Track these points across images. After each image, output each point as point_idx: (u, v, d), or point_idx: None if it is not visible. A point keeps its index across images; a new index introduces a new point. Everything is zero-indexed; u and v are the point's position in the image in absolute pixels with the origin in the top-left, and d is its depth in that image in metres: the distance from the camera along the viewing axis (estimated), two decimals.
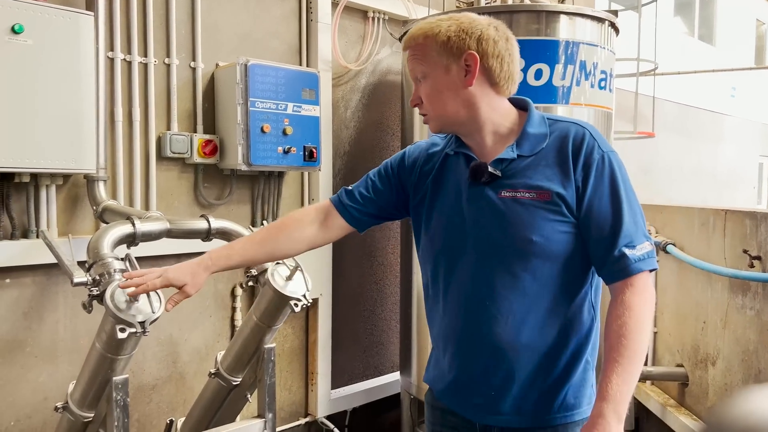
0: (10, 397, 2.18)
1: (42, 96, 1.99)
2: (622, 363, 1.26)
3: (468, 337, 1.43)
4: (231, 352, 2.02)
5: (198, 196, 2.62)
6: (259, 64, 2.53)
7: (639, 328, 1.28)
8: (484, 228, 1.38)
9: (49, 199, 2.19)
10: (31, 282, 2.21)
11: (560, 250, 1.35)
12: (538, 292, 1.36)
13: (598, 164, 1.32)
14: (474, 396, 1.43)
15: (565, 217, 1.33)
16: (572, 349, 1.39)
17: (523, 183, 1.36)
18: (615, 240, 1.30)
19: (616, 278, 1.31)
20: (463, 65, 1.34)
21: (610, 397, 1.25)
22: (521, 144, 1.38)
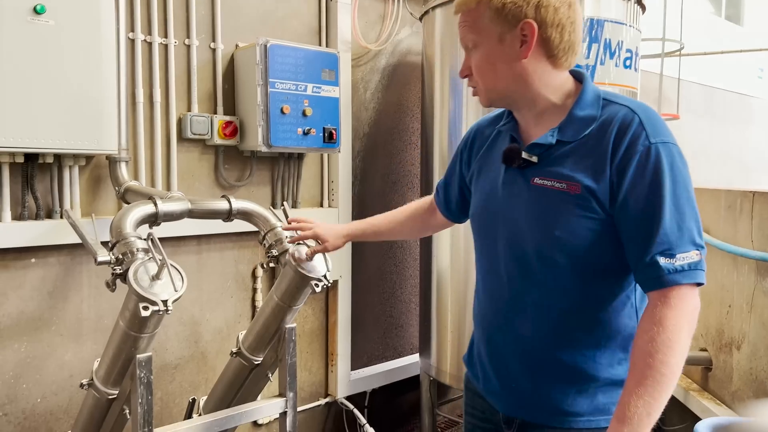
0: (37, 374, 2.22)
1: (64, 77, 2.00)
2: (645, 384, 1.13)
3: (494, 325, 1.40)
4: (252, 332, 2.03)
5: (219, 177, 2.63)
6: (278, 44, 2.52)
7: (670, 348, 1.13)
8: (513, 215, 1.32)
9: (72, 179, 2.21)
10: (56, 262, 2.24)
11: (586, 249, 1.23)
12: (561, 290, 1.28)
13: (641, 156, 1.17)
14: (499, 385, 1.40)
15: (595, 213, 1.21)
16: (606, 352, 1.29)
17: (556, 172, 1.25)
18: (649, 245, 1.16)
19: (650, 288, 1.18)
20: (518, 35, 1.23)
21: (628, 420, 1.13)
22: (564, 129, 1.26)
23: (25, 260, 2.17)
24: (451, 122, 2.79)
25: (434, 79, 2.86)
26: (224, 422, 1.88)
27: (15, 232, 2.08)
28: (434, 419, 3.11)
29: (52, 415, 2.27)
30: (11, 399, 2.18)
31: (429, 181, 2.93)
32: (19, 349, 2.18)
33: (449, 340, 2.84)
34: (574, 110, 1.26)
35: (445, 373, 2.86)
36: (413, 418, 3.51)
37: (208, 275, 2.63)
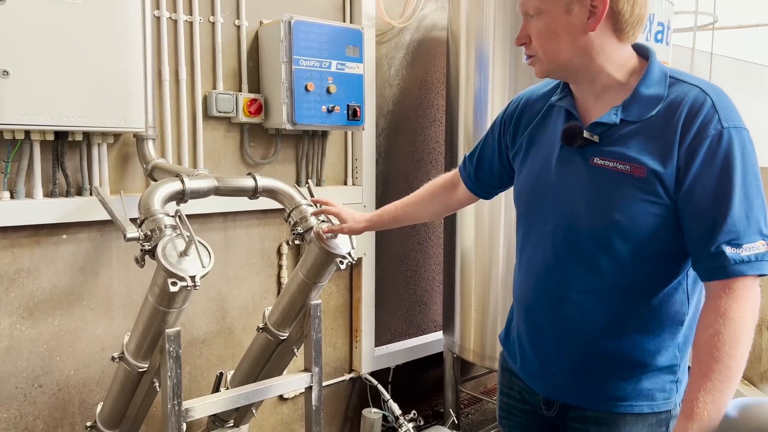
0: (70, 347, 2.28)
1: (92, 55, 2.02)
2: (712, 379, 1.10)
3: (537, 307, 1.36)
4: (278, 308, 2.05)
5: (244, 155, 2.64)
6: (302, 20, 2.50)
7: (736, 341, 1.10)
8: (567, 195, 1.27)
9: (101, 157, 2.25)
10: (87, 238, 2.28)
11: (646, 234, 1.19)
12: (614, 275, 1.24)
13: (712, 141, 1.12)
14: (539, 368, 1.38)
15: (659, 198, 1.17)
16: (654, 338, 1.26)
17: (619, 152, 1.20)
18: (715, 233, 1.11)
19: (712, 277, 1.14)
20: (587, 5, 1.16)
21: (696, 417, 1.10)
22: (629, 107, 1.21)
23: (57, 236, 2.21)
24: (476, 99, 2.75)
25: (459, 55, 2.83)
26: (251, 396, 1.92)
27: (47, 209, 2.13)
28: (458, 396, 3.13)
29: (85, 386, 2.34)
30: (46, 371, 2.24)
31: (453, 158, 2.91)
32: (53, 323, 2.24)
33: (473, 318, 2.84)
34: (640, 88, 1.20)
35: (469, 350, 2.87)
36: (436, 395, 3.54)
37: (234, 252, 2.66)
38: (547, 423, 1.41)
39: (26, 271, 2.16)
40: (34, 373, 2.22)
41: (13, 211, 2.06)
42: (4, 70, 1.86)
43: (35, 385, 2.23)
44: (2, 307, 2.12)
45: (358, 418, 3.12)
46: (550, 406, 1.38)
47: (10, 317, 2.14)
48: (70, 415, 2.32)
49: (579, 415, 1.34)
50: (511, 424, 1.51)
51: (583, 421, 1.33)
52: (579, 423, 1.34)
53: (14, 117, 1.91)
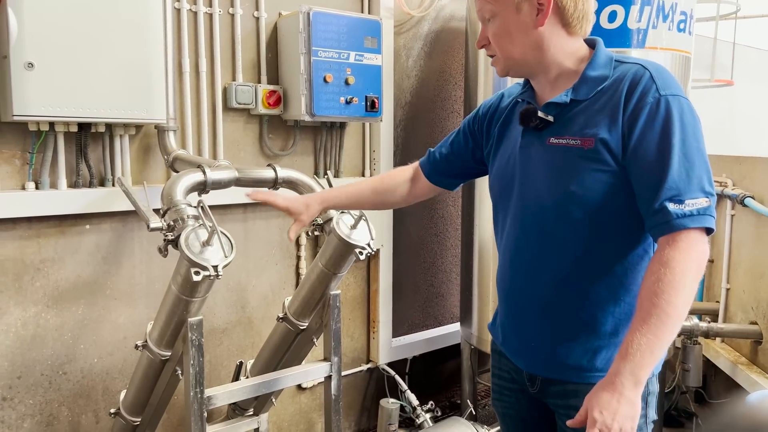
0: (93, 336, 2.32)
1: (114, 48, 2.04)
2: (649, 322, 1.15)
3: (514, 288, 1.44)
4: (298, 298, 2.07)
5: (263, 146, 2.66)
6: (321, 11, 2.50)
7: (676, 288, 1.15)
8: (530, 176, 1.36)
9: (123, 148, 2.27)
10: (109, 228, 2.31)
11: (600, 202, 1.27)
12: (580, 244, 1.31)
13: (651, 107, 1.21)
14: (521, 346, 1.45)
15: (608, 165, 1.25)
16: (624, 308, 1.32)
17: (570, 129, 1.30)
18: (657, 191, 1.19)
19: (658, 234, 1.20)
20: (535, 4, 1.27)
21: (630, 357, 1.16)
22: (578, 88, 1.31)
23: (81, 226, 2.25)
24: (495, 89, 2.74)
25: None
26: (272, 384, 1.94)
27: (71, 199, 2.16)
28: (474, 387, 3.14)
29: (108, 374, 2.38)
30: (70, 359, 2.28)
31: None
32: (77, 312, 2.28)
33: (490, 310, 2.84)
34: (587, 71, 1.31)
35: (486, 341, 2.88)
36: (453, 386, 3.55)
37: (254, 242, 2.68)
38: (535, 401, 1.47)
39: (51, 261, 2.20)
40: (59, 361, 2.26)
41: (38, 201, 2.10)
42: (29, 63, 1.89)
43: (60, 372, 2.27)
44: (28, 296, 2.17)
45: (375, 407, 3.14)
46: (533, 382, 1.44)
47: (35, 306, 2.18)
48: (94, 401, 2.36)
49: (559, 390, 1.39)
50: (503, 404, 1.58)
51: (564, 395, 1.38)
52: (560, 398, 1.39)
53: (39, 109, 1.94)
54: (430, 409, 2.99)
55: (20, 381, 2.19)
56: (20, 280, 2.15)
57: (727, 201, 3.13)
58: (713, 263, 3.33)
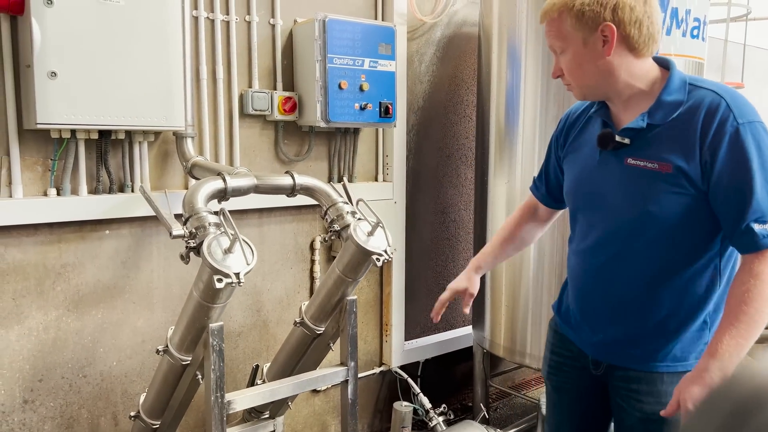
0: (112, 339, 2.36)
1: (134, 56, 2.07)
2: (737, 326, 1.32)
3: (587, 287, 1.60)
4: (315, 303, 2.10)
5: (278, 152, 2.69)
6: (336, 19, 2.53)
7: (764, 298, 1.31)
8: (608, 192, 1.49)
9: (142, 155, 2.31)
10: (128, 233, 2.35)
11: (676, 220, 1.40)
12: (652, 256, 1.45)
13: (730, 137, 1.32)
14: (591, 337, 1.61)
15: (685, 189, 1.37)
16: (688, 308, 1.47)
17: (647, 153, 1.41)
18: (743, 214, 1.32)
19: (746, 251, 1.36)
20: (600, 36, 1.38)
21: (719, 355, 1.32)
22: (654, 113, 1.41)
23: (101, 232, 2.28)
24: (508, 94, 2.76)
25: (491, 50, 2.83)
26: (291, 389, 1.97)
27: (91, 205, 2.20)
28: (487, 390, 3.16)
29: (126, 377, 2.41)
30: (90, 362, 2.32)
31: (485, 154, 2.92)
32: (96, 316, 2.31)
33: (503, 314, 2.86)
34: (662, 96, 1.40)
35: (499, 345, 2.90)
36: (464, 389, 3.57)
37: (269, 247, 2.72)
38: (595, 379, 1.63)
39: (72, 266, 2.24)
40: (79, 364, 2.30)
41: (60, 207, 2.13)
42: (53, 72, 1.93)
43: (80, 375, 2.31)
44: (49, 300, 2.20)
45: (387, 410, 3.17)
46: (597, 366, 1.62)
47: (56, 310, 2.22)
48: (113, 404, 2.40)
49: (623, 375, 1.55)
50: (559, 378, 1.75)
51: (627, 380, 1.54)
52: (623, 381, 1.56)
53: (62, 117, 1.97)
54: (442, 412, 3.01)
55: (41, 384, 2.22)
56: (42, 284, 2.18)
57: None
58: None
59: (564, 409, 1.78)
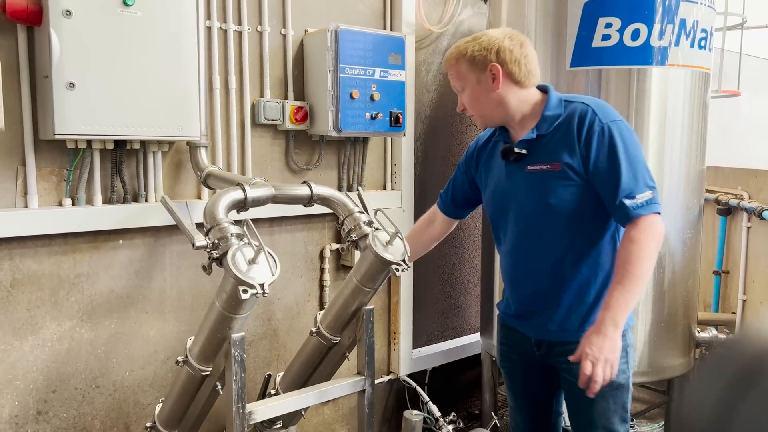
0: (125, 349, 2.35)
1: (151, 66, 2.08)
2: (623, 282, 1.63)
3: (518, 279, 1.92)
4: (330, 312, 2.10)
5: (289, 161, 2.70)
6: (348, 29, 2.55)
7: (641, 256, 1.63)
8: (518, 196, 1.83)
9: (156, 165, 2.31)
10: (141, 243, 2.35)
11: (574, 208, 1.73)
12: (563, 240, 1.77)
13: (599, 134, 1.68)
14: (529, 319, 1.91)
15: (574, 180, 1.72)
16: (601, 280, 1.78)
17: (541, 158, 1.75)
18: (616, 193, 1.66)
19: (623, 222, 1.69)
20: (489, 75, 1.74)
21: (611, 307, 1.63)
22: (540, 126, 1.76)
23: (114, 242, 2.28)
24: None
25: None
26: (313, 398, 1.97)
27: (105, 215, 2.19)
28: (495, 398, 3.17)
29: (139, 387, 2.40)
30: (103, 372, 2.31)
31: None
32: (110, 326, 2.31)
33: None
34: (545, 112, 1.76)
35: None
36: (471, 397, 3.58)
37: (279, 256, 2.64)
38: (539, 362, 1.93)
39: (86, 276, 2.23)
40: (92, 375, 2.29)
41: (74, 217, 2.13)
42: (71, 83, 1.93)
43: (93, 386, 2.30)
44: (63, 310, 2.19)
45: (396, 418, 3.17)
46: (540, 347, 1.90)
47: (70, 320, 2.21)
48: (125, 415, 2.39)
49: (562, 350, 1.82)
50: (509, 364, 2.06)
51: (565, 353, 1.76)
52: (563, 356, 1.79)
53: (79, 127, 1.97)
54: (452, 420, 3.02)
55: (55, 395, 2.21)
56: (56, 294, 2.18)
57: (742, 214, 3.18)
58: (728, 274, 3.38)
59: (516, 393, 2.07)
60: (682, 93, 2.55)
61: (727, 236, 3.34)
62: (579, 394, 1.71)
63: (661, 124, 2.52)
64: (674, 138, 2.56)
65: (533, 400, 2.06)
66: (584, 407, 1.83)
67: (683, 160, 2.60)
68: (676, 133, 2.56)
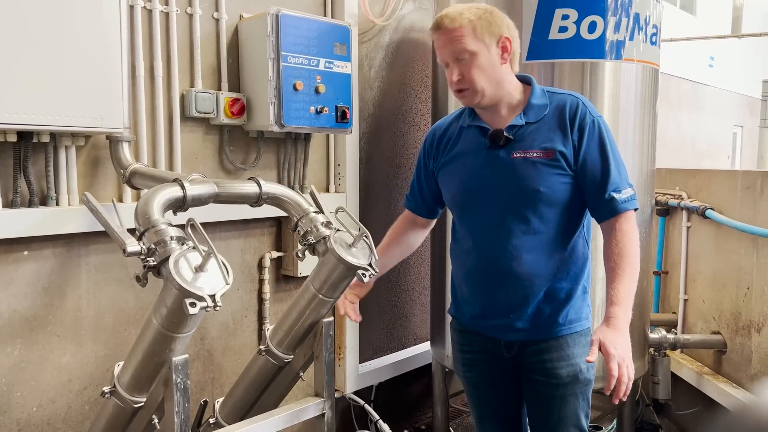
0: (32, 380, 1.98)
1: (64, 44, 1.76)
2: (623, 275, 1.60)
3: (490, 272, 1.75)
4: (282, 327, 1.85)
5: (223, 159, 2.41)
6: (290, 14, 2.32)
7: (635, 249, 1.64)
8: (501, 183, 1.69)
9: (69, 161, 1.97)
10: (51, 254, 1.99)
11: (561, 198, 1.67)
12: (544, 232, 1.68)
13: (590, 127, 1.66)
14: (497, 319, 1.77)
15: (565, 170, 1.66)
16: (572, 275, 1.73)
17: (531, 144, 1.67)
18: (605, 186, 1.64)
19: (609, 216, 1.66)
20: (499, 47, 1.64)
21: (621, 302, 1.59)
22: (527, 113, 1.69)
23: (17, 253, 1.92)
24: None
25: None
26: (263, 428, 1.70)
27: (6, 222, 1.83)
28: (447, 410, 3.00)
29: (49, 425, 2.03)
30: (4, 409, 1.93)
31: None
32: (12, 353, 1.93)
33: None
34: (531, 100, 1.70)
35: None
36: (417, 411, 3.39)
37: None
38: (507, 364, 1.82)
39: None
40: None
41: None
42: None
43: None
44: None
45: None
46: (510, 348, 1.79)
47: None
48: None
49: (535, 349, 1.76)
50: (475, 374, 1.90)
51: (539, 352, 1.75)
52: (536, 355, 1.75)
53: None
54: None
55: None
56: None
57: (682, 214, 3.21)
58: (668, 274, 3.40)
59: (483, 401, 1.93)
60: (634, 88, 2.50)
61: (665, 236, 3.37)
62: (551, 393, 1.74)
63: (614, 120, 2.46)
64: (627, 135, 2.51)
65: (503, 406, 1.92)
66: (555, 407, 1.76)
67: (636, 158, 2.55)
68: (629, 129, 2.51)
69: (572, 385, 1.74)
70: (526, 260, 1.69)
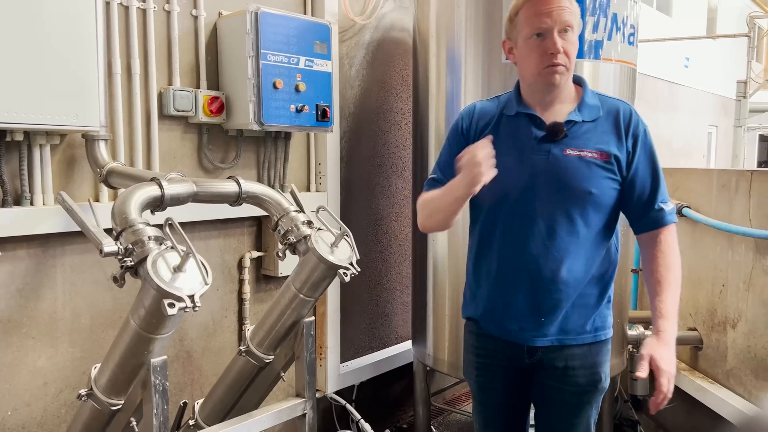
0: (6, 384, 1.94)
1: (38, 44, 1.72)
2: (671, 289, 1.60)
3: (523, 272, 1.63)
4: (263, 328, 1.84)
5: (202, 158, 2.39)
6: (270, 12, 2.30)
7: (679, 262, 1.64)
8: (550, 179, 1.59)
9: (43, 160, 1.94)
10: (26, 255, 1.95)
11: (608, 202, 1.61)
12: (586, 235, 1.61)
13: (642, 136, 1.63)
14: (524, 322, 1.66)
15: (616, 175, 1.60)
16: (603, 282, 1.68)
17: (586, 144, 1.59)
18: (655, 197, 1.63)
19: (654, 227, 1.63)
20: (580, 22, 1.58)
21: (669, 315, 1.57)
22: (582, 111, 1.62)
23: None
24: (449, 101, 2.65)
25: (429, 56, 2.71)
26: (244, 429, 1.69)
27: None
28: (429, 409, 3.00)
29: (24, 429, 1.99)
30: None
31: (423, 163, 2.79)
32: None
33: (446, 328, 2.72)
34: (585, 98, 1.63)
35: (443, 361, 2.75)
36: (399, 410, 3.39)
37: None
38: (522, 371, 1.73)
39: None
40: None
41: None
42: None
43: None
44: None
45: None
46: (533, 354, 1.68)
47: None
48: None
49: (557, 355, 1.67)
50: (487, 378, 1.79)
51: (564, 359, 1.67)
52: (560, 361, 1.67)
53: None
54: None
55: None
56: None
57: None
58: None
59: (491, 407, 1.84)
60: (613, 88, 2.52)
61: None
62: (566, 399, 1.69)
63: None
64: None
65: (511, 412, 1.83)
66: (568, 413, 1.72)
67: None
68: None
69: (589, 394, 1.70)
70: (567, 262, 1.59)
